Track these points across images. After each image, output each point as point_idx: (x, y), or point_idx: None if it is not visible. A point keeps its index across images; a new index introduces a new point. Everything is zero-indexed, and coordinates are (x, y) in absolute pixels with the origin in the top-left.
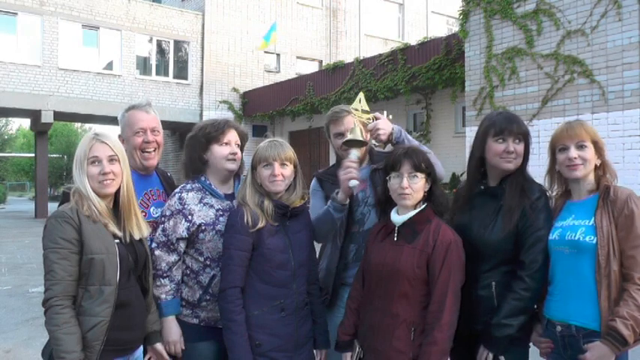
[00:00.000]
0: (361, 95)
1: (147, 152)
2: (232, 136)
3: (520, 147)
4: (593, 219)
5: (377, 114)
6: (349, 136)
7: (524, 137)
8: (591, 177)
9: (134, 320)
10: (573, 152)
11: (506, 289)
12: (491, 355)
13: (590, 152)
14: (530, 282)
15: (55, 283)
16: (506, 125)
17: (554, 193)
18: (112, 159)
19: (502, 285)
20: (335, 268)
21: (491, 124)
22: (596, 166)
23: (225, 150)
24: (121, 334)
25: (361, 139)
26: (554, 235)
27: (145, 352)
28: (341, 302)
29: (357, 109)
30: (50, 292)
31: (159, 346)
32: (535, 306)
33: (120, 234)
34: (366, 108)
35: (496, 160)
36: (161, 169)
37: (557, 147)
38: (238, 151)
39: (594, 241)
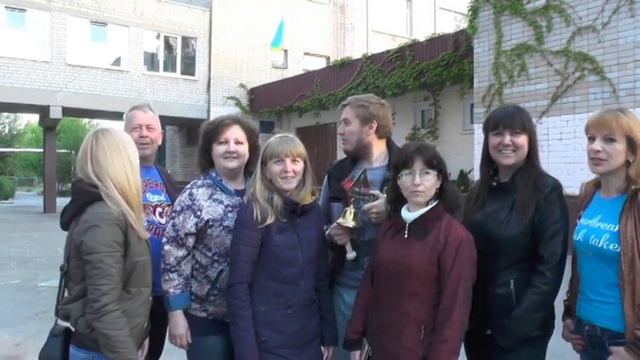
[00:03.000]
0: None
1: (142, 144)
2: (231, 133)
3: (519, 139)
4: (618, 225)
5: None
6: (340, 220)
7: (524, 130)
8: (621, 174)
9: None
10: (597, 144)
11: (525, 286)
12: None
13: (617, 147)
14: (551, 275)
15: (114, 287)
16: (502, 119)
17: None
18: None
19: (521, 283)
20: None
21: (489, 119)
22: (629, 163)
23: (222, 148)
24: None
25: (350, 225)
26: (579, 236)
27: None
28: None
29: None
30: (109, 296)
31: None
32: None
33: (146, 235)
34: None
35: (494, 154)
36: (161, 166)
37: (587, 135)
38: (238, 148)
39: (618, 250)
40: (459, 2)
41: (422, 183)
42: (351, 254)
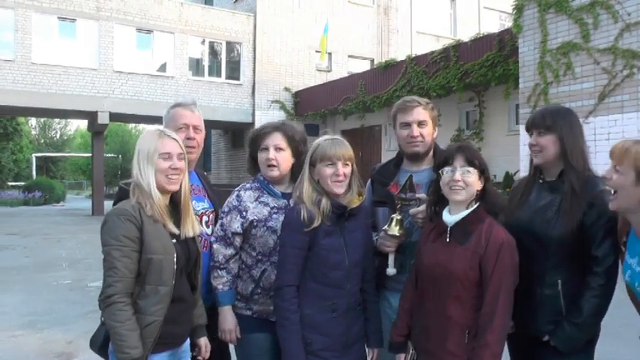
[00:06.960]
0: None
1: (189, 147)
2: (271, 140)
3: (544, 139)
4: None
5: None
6: (385, 228)
7: (549, 130)
8: None
9: (185, 315)
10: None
11: (574, 287)
12: None
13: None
14: (606, 276)
15: (118, 280)
16: (532, 119)
17: None
18: (180, 156)
19: (568, 284)
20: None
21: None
22: None
23: (264, 156)
24: (172, 329)
25: (396, 234)
26: (626, 276)
27: (192, 346)
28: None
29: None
30: (113, 288)
31: (202, 340)
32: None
33: (177, 232)
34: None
35: (530, 154)
36: (199, 169)
37: None
38: (278, 155)
39: None
40: (504, 1)
41: (461, 179)
42: (391, 270)
